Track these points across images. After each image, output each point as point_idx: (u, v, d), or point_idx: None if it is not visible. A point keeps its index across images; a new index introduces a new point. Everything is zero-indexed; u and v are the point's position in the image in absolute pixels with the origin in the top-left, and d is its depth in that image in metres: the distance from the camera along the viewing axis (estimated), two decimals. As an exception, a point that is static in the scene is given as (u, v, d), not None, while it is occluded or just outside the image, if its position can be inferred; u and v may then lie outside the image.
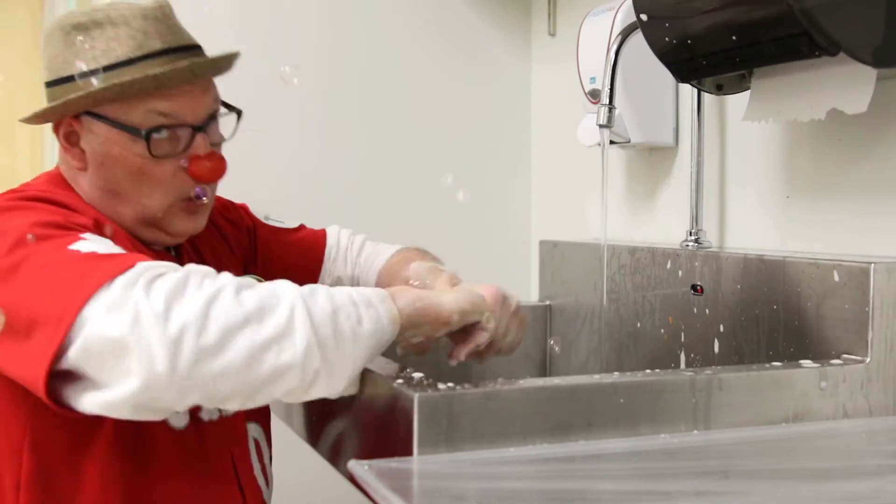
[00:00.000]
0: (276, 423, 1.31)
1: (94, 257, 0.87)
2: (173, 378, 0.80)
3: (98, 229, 1.00)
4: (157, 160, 1.08)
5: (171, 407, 0.84)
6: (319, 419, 1.15)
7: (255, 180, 1.81)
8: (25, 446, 1.01)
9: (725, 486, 0.82)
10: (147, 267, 0.85)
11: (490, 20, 1.99)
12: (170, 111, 1.07)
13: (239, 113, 1.16)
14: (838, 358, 1.06)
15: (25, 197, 1.02)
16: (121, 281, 0.83)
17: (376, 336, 0.89)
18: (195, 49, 1.12)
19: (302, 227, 1.39)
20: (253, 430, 1.22)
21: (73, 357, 0.82)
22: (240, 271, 1.26)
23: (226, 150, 1.79)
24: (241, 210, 1.35)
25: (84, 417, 1.00)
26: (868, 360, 1.03)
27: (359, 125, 1.91)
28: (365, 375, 0.99)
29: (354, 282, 1.35)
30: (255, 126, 1.82)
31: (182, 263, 1.15)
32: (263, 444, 1.24)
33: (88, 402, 0.84)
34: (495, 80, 2.00)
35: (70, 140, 1.10)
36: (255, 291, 0.85)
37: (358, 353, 0.87)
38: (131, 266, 0.84)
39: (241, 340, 0.82)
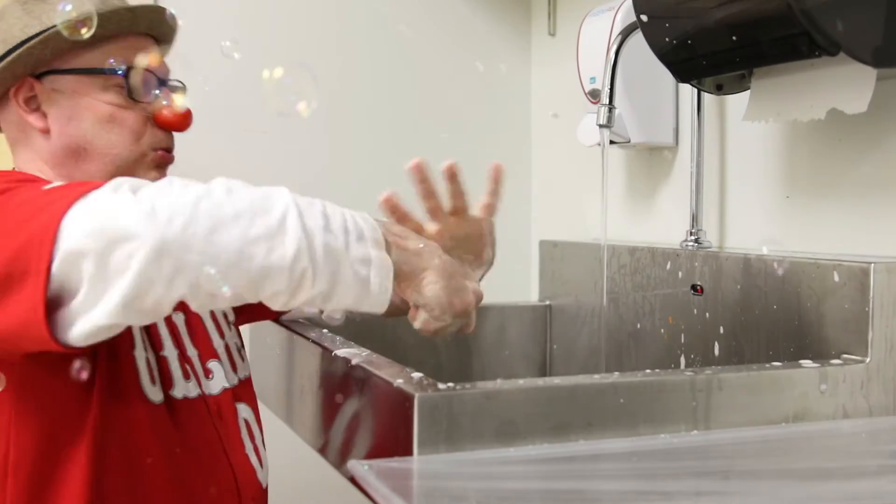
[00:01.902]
0: (277, 424, 1.32)
1: (68, 185, 0.89)
2: (161, 262, 0.79)
3: None
4: (128, 107, 1.10)
5: (160, 301, 0.82)
6: (319, 419, 1.15)
7: (254, 179, 1.81)
8: (11, 435, 1.00)
9: (725, 486, 0.82)
10: (125, 178, 0.85)
11: (490, 20, 1.99)
12: (140, 59, 1.11)
13: (185, 87, 1.19)
14: (838, 358, 1.06)
15: None
16: (101, 189, 0.83)
17: (363, 264, 0.88)
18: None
19: None
20: (242, 410, 1.22)
21: (59, 262, 0.81)
22: None
23: (229, 151, 1.79)
24: None
25: (67, 400, 1.00)
26: (868, 360, 1.03)
27: (358, 125, 1.91)
28: (365, 374, 0.99)
29: None
30: (256, 126, 1.82)
31: None
32: (254, 425, 1.24)
33: (80, 322, 0.83)
34: (495, 80, 2.00)
35: (30, 105, 1.10)
36: (248, 190, 0.85)
37: (342, 273, 0.87)
38: (109, 182, 0.85)
39: (232, 232, 0.82)
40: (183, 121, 1.15)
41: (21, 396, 1.00)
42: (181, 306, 0.94)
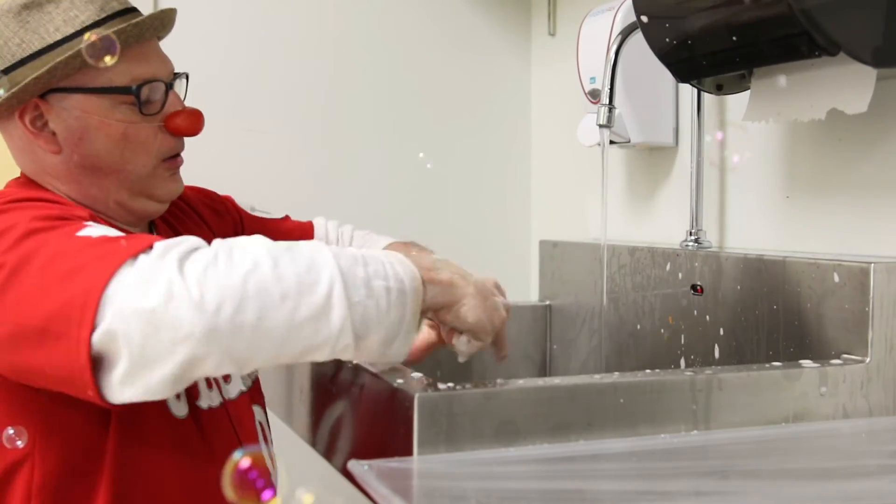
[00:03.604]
0: (277, 424, 1.32)
1: (107, 240, 0.86)
2: (209, 350, 0.79)
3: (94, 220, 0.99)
4: (139, 122, 1.07)
5: (207, 375, 0.83)
6: (319, 419, 1.15)
7: (255, 179, 1.81)
8: (36, 455, 1.00)
9: (725, 486, 0.82)
10: (170, 243, 0.83)
11: (490, 20, 1.99)
12: (146, 70, 1.08)
13: (187, 76, 1.16)
14: (838, 358, 1.06)
15: (14, 199, 0.99)
16: (145, 257, 0.81)
17: (396, 326, 0.88)
18: (137, 11, 1.12)
19: (287, 218, 1.40)
20: (258, 413, 1.22)
21: (101, 337, 0.80)
22: None
23: (229, 151, 1.80)
24: (227, 202, 1.34)
25: (91, 420, 0.99)
26: (868, 360, 1.03)
27: (358, 126, 1.90)
28: (365, 375, 0.99)
29: None
30: (256, 126, 1.83)
31: None
32: (267, 427, 1.25)
33: (127, 390, 0.82)
34: (495, 80, 2.00)
35: (36, 125, 1.06)
36: (294, 262, 0.83)
37: (376, 336, 0.87)
38: (150, 244, 0.82)
39: (279, 317, 0.81)
40: (195, 125, 1.12)
41: (45, 423, 0.99)
42: None
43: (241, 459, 0.82)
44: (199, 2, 1.77)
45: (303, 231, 1.38)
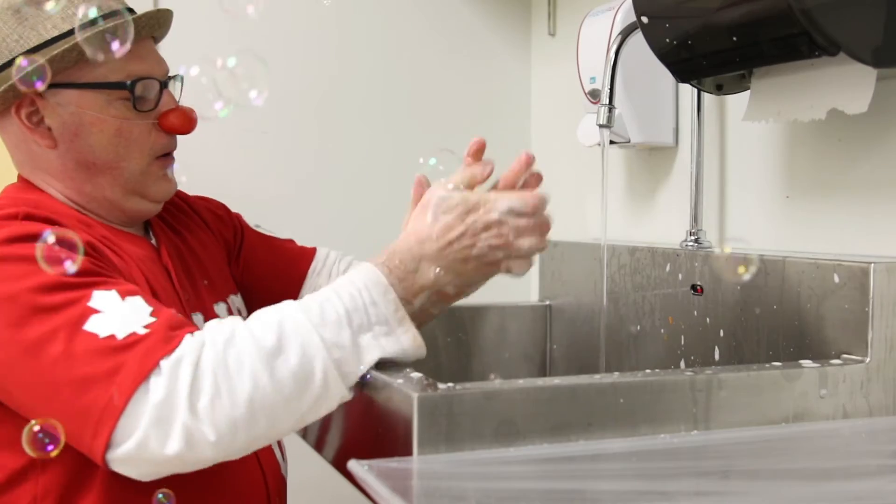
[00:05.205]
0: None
1: (114, 348, 0.89)
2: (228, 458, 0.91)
3: (90, 247, 0.99)
4: (133, 119, 1.09)
5: None
6: (319, 419, 1.15)
7: (254, 180, 1.81)
8: (38, 465, 1.00)
9: (725, 486, 0.82)
10: (173, 361, 0.87)
11: (490, 20, 1.99)
12: (141, 68, 1.09)
13: (182, 78, 1.18)
14: (838, 358, 1.06)
15: (9, 238, 0.96)
16: (156, 382, 0.86)
17: (393, 355, 0.97)
18: (133, 11, 1.14)
19: (291, 240, 1.40)
20: None
21: (121, 457, 0.88)
22: (221, 255, 1.28)
23: (225, 151, 1.79)
24: (233, 214, 1.36)
25: None
26: (868, 360, 1.03)
27: (358, 125, 1.90)
28: (365, 374, 0.99)
29: None
30: (254, 126, 1.82)
31: (159, 247, 1.17)
32: None
33: (131, 471, 0.92)
34: (495, 80, 1.99)
35: (32, 120, 1.08)
36: (286, 361, 0.89)
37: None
38: (156, 363, 0.87)
39: (288, 419, 0.91)
40: (188, 124, 1.13)
41: None
42: (202, 307, 1.05)
43: None
44: (198, 3, 1.77)
45: (303, 255, 1.38)
